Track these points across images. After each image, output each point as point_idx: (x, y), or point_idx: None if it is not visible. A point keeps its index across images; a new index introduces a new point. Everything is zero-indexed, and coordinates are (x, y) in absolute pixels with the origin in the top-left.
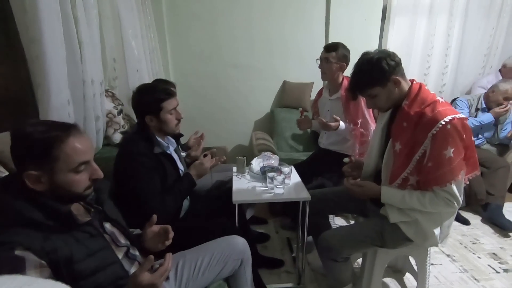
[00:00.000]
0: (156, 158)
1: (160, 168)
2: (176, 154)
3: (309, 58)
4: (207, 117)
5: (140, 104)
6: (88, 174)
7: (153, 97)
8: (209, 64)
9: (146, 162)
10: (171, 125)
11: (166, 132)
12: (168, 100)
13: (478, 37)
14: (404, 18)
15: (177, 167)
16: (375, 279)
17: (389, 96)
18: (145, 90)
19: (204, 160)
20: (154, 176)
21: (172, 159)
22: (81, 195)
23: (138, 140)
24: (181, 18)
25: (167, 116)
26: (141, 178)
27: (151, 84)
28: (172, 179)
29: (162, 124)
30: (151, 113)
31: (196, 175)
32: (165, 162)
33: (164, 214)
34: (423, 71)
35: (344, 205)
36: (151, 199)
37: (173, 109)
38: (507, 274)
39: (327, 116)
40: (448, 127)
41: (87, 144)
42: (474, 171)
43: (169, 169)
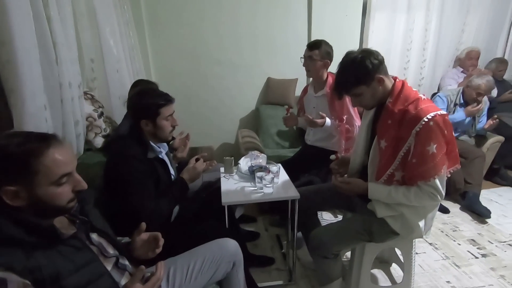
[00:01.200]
0: (150, 162)
1: (154, 173)
2: (167, 158)
3: (292, 55)
4: (191, 116)
5: (138, 107)
6: (71, 186)
7: (152, 102)
8: (191, 61)
9: (140, 166)
10: (166, 132)
11: (160, 138)
12: (166, 106)
13: (454, 32)
14: (383, 13)
15: (169, 172)
16: (363, 272)
17: (374, 94)
18: (145, 94)
19: (197, 165)
20: (148, 181)
21: (164, 164)
22: (64, 208)
23: (131, 144)
24: (161, 14)
25: (163, 122)
26: (135, 183)
27: (151, 88)
28: (165, 184)
29: (157, 130)
30: (147, 118)
31: (188, 179)
32: (158, 167)
33: (158, 220)
34: (403, 65)
35: (332, 201)
36: (145, 204)
37: (169, 115)
38: (485, 259)
39: (313, 113)
40: (430, 124)
41: (68, 155)
42: (455, 164)
43: (162, 174)
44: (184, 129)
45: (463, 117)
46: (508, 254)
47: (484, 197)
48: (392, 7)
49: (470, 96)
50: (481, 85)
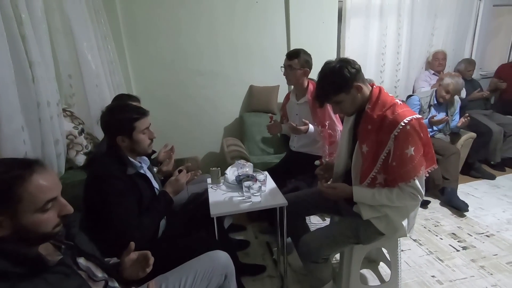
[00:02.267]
0: (130, 179)
1: (135, 189)
2: (150, 172)
3: (273, 62)
4: (175, 128)
5: (111, 124)
6: (56, 211)
7: (125, 117)
8: (172, 72)
9: (120, 184)
10: (144, 145)
11: (139, 152)
12: (141, 120)
13: (425, 35)
14: (358, 19)
15: (152, 186)
16: (353, 273)
17: (353, 102)
18: (117, 110)
19: (179, 176)
20: (130, 199)
21: (146, 178)
22: (50, 235)
23: (109, 162)
24: (139, 27)
25: (140, 136)
26: (116, 202)
27: (122, 103)
28: (148, 199)
29: (134, 144)
30: (123, 133)
31: (172, 192)
32: (140, 182)
33: (143, 238)
34: (379, 68)
35: (320, 206)
36: (128, 224)
37: (146, 128)
38: (466, 251)
39: (296, 120)
40: (407, 128)
41: (52, 180)
42: (432, 165)
43: (144, 190)
44: (168, 141)
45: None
46: (486, 245)
47: (461, 191)
48: (365, 13)
49: (440, 95)
50: (449, 84)
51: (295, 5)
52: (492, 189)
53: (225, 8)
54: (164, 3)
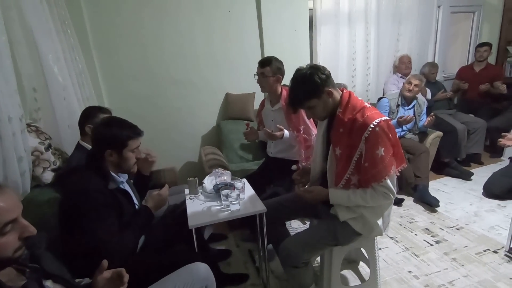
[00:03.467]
0: (111, 194)
1: (116, 204)
2: (129, 187)
3: (248, 69)
4: (150, 139)
5: (105, 137)
6: (17, 233)
7: (122, 133)
8: (146, 83)
9: (101, 198)
10: (130, 164)
11: (123, 169)
12: (134, 139)
13: (391, 41)
14: (328, 26)
15: (132, 201)
16: (334, 275)
17: (325, 106)
18: (115, 124)
19: (162, 191)
20: (111, 214)
21: (127, 193)
22: (10, 259)
23: (90, 176)
24: (108, 37)
25: (129, 154)
26: (97, 217)
27: (120, 119)
28: (129, 215)
29: (122, 161)
30: (113, 148)
31: (154, 207)
32: (120, 197)
33: (124, 254)
34: (351, 73)
35: (298, 210)
36: (109, 239)
37: (136, 148)
38: (439, 245)
39: (272, 126)
40: (376, 129)
41: (11, 201)
42: (402, 164)
43: (125, 205)
44: None
45: (395, 124)
46: (456, 238)
47: (432, 187)
48: (335, 21)
49: (404, 89)
50: (410, 77)
51: (267, 14)
52: (460, 184)
53: (196, 17)
54: (134, 13)
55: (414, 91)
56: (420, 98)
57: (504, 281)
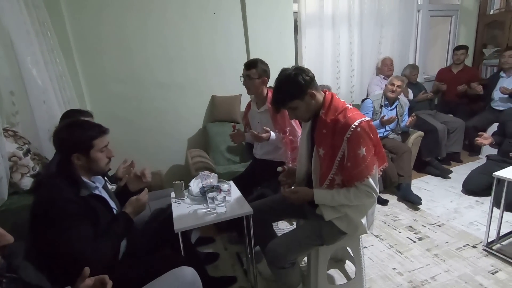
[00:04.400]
0: (84, 201)
1: (90, 212)
2: (105, 192)
3: (234, 72)
4: (135, 142)
5: (67, 141)
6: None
7: (84, 134)
8: (130, 85)
9: (72, 207)
10: (102, 164)
11: (96, 172)
12: (100, 138)
13: (374, 43)
14: (313, 29)
15: (109, 207)
16: (320, 275)
17: (308, 108)
18: (76, 126)
19: (140, 195)
20: (84, 223)
21: (102, 199)
22: None
23: (59, 184)
24: (90, 39)
25: (97, 154)
26: (68, 227)
27: (80, 119)
28: (106, 222)
29: (91, 163)
30: (79, 151)
31: (132, 213)
32: (95, 204)
33: (100, 263)
34: (335, 75)
35: (285, 211)
36: (84, 250)
37: (104, 146)
38: (421, 241)
39: (258, 128)
40: (358, 130)
41: None
42: (384, 163)
43: (100, 211)
44: (129, 156)
45: (378, 125)
46: (438, 234)
47: (415, 186)
48: (319, 24)
49: (387, 90)
50: (392, 79)
51: (252, 16)
52: (441, 182)
53: (181, 20)
54: (118, 15)
55: (397, 91)
56: (402, 99)
57: (482, 275)
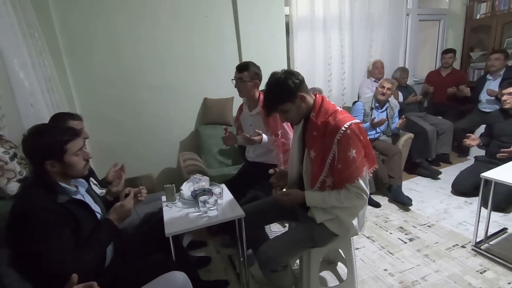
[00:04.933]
0: (63, 208)
1: (70, 219)
2: (89, 196)
3: (226, 74)
4: (126, 146)
5: (37, 148)
6: None
7: (55, 139)
8: (121, 87)
9: (49, 217)
10: (79, 168)
11: (74, 176)
12: (73, 141)
13: (364, 46)
14: (304, 32)
15: (92, 212)
16: (312, 277)
17: (298, 110)
18: (44, 132)
19: (125, 202)
20: (62, 231)
21: (84, 204)
22: None
23: (35, 193)
24: (80, 41)
25: (73, 158)
26: (45, 238)
27: (49, 124)
28: (88, 228)
29: (67, 168)
30: (52, 158)
31: (117, 219)
32: (76, 210)
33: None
34: (327, 78)
35: (277, 214)
36: (64, 261)
37: (79, 149)
38: (412, 242)
39: (250, 131)
40: (348, 132)
41: None
42: (373, 165)
43: (82, 217)
44: (120, 159)
45: (369, 127)
46: (428, 234)
47: (405, 187)
48: (311, 27)
49: (378, 92)
50: (382, 81)
51: (244, 19)
52: (431, 183)
53: (173, 22)
54: (107, 16)
55: (387, 94)
56: (392, 101)
57: (471, 274)
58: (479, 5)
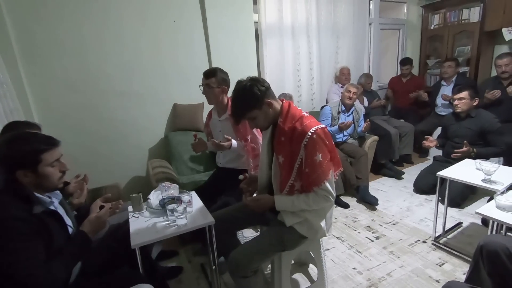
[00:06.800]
0: (37, 219)
1: (43, 231)
2: (62, 208)
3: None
4: (91, 154)
5: (9, 157)
6: None
7: (29, 148)
8: (84, 94)
9: (23, 227)
10: (53, 180)
11: (47, 188)
12: (50, 151)
13: (331, 53)
14: (273, 39)
15: (65, 224)
16: (284, 280)
17: (266, 117)
18: (19, 140)
19: (100, 213)
20: (34, 243)
21: (58, 216)
22: None
23: (8, 202)
24: (37, 44)
25: (48, 169)
26: (17, 249)
27: (26, 132)
28: (61, 241)
29: (41, 179)
30: (25, 168)
31: (91, 232)
32: (50, 221)
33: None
34: (296, 83)
35: (248, 219)
36: (33, 273)
37: (56, 160)
38: (378, 240)
39: (220, 136)
40: (314, 136)
41: None
42: (339, 168)
43: (55, 230)
44: (84, 170)
45: (337, 130)
46: (393, 232)
47: (372, 187)
48: (279, 34)
49: (345, 98)
50: (348, 86)
51: (213, 25)
52: (395, 183)
53: (140, 27)
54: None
55: (354, 98)
56: (357, 106)
57: (431, 268)
58: (433, 16)
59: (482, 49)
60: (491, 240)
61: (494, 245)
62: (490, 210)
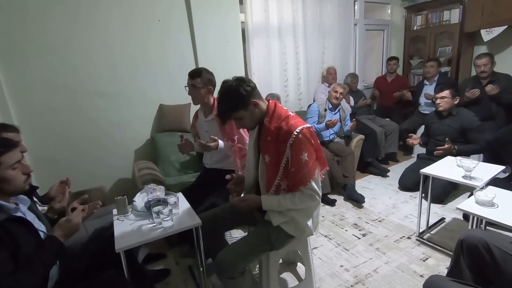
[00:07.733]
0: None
1: (7, 239)
2: (32, 214)
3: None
4: (74, 157)
5: None
6: None
7: None
8: (66, 95)
9: None
10: (17, 183)
11: (11, 192)
12: (7, 153)
13: (318, 53)
14: (260, 39)
15: (35, 231)
16: (272, 279)
17: (252, 117)
18: None
19: (71, 216)
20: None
21: (26, 222)
22: None
23: None
24: (15, 45)
25: (8, 172)
26: None
27: None
28: (30, 248)
29: (3, 184)
30: None
31: (63, 236)
32: (15, 229)
33: None
34: (283, 83)
35: (235, 219)
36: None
37: (16, 162)
38: (365, 237)
39: (206, 137)
40: (300, 136)
41: None
42: (325, 167)
43: (22, 237)
44: (66, 173)
45: (324, 127)
46: (379, 229)
47: (359, 185)
48: (266, 34)
49: (331, 96)
50: (334, 86)
51: (199, 25)
52: (381, 180)
53: (124, 26)
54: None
55: (340, 98)
56: (344, 105)
57: (416, 263)
58: (415, 17)
59: (462, 49)
60: (471, 234)
61: (473, 239)
62: (470, 205)
